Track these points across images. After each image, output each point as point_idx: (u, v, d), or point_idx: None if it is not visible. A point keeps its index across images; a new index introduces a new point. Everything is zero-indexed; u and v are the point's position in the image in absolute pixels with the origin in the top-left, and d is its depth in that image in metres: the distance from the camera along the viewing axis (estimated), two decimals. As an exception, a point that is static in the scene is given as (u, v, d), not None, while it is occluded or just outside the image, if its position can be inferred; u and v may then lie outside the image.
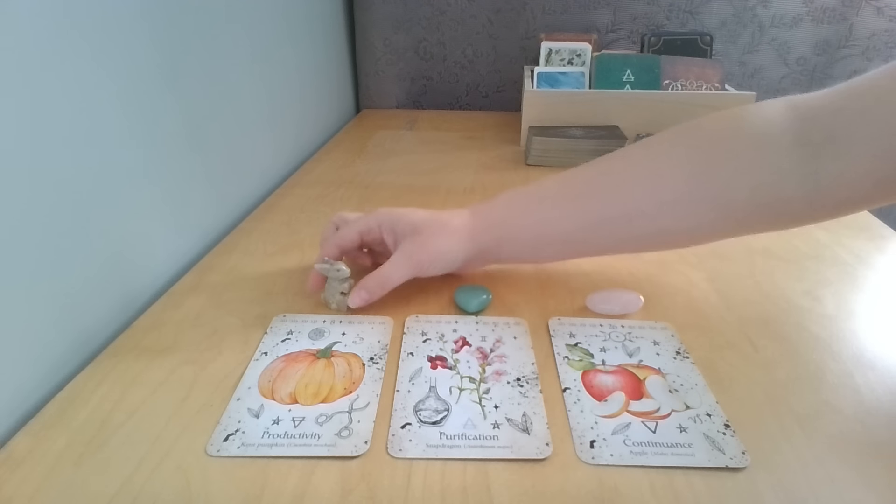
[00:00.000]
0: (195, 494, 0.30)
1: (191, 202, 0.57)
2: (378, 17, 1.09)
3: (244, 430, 0.35)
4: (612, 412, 0.36)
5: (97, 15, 0.43)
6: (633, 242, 0.47)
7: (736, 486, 0.31)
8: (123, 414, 0.36)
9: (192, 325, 0.45)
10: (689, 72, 0.90)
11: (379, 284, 0.45)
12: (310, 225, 0.63)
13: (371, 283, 0.45)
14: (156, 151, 0.51)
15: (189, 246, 0.57)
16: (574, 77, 0.92)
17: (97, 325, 0.44)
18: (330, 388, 0.38)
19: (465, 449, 0.33)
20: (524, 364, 0.40)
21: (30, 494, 0.31)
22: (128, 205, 0.48)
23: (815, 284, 0.50)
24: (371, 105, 1.18)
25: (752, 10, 1.06)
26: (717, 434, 0.34)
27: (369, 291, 0.45)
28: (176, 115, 0.54)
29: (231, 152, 0.65)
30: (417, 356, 0.41)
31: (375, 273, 0.45)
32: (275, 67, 0.77)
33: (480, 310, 0.46)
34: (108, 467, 0.32)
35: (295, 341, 0.43)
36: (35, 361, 0.39)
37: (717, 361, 0.41)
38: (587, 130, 0.84)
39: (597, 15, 1.08)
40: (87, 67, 0.42)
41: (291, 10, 0.83)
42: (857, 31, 1.04)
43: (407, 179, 0.77)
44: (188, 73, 0.56)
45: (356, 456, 0.33)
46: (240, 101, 0.67)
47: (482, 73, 1.15)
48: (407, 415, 0.36)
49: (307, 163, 0.84)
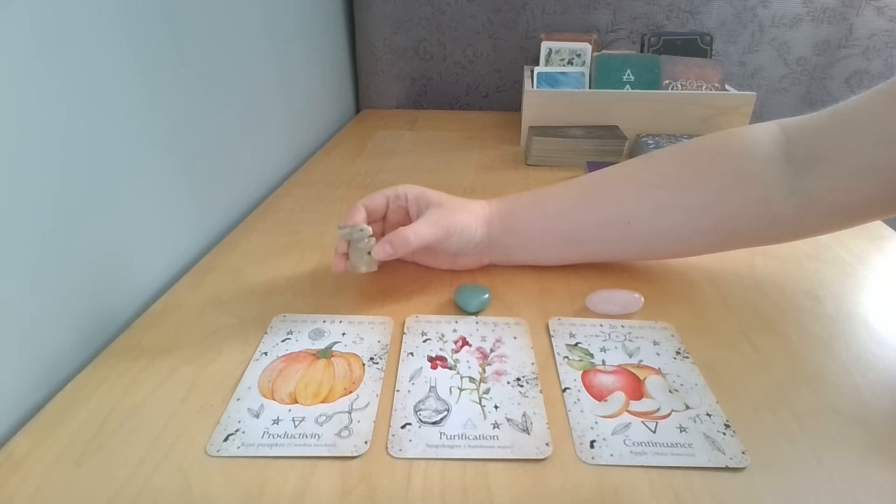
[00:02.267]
0: (195, 494, 0.30)
1: (191, 202, 0.57)
2: (378, 17, 1.09)
3: (244, 430, 0.35)
4: (612, 412, 0.36)
5: (96, 15, 0.43)
6: (632, 246, 0.49)
7: (736, 486, 0.31)
8: (123, 414, 0.36)
9: (192, 325, 0.45)
10: (689, 72, 0.90)
11: (404, 240, 0.45)
12: (310, 225, 0.63)
13: (397, 238, 0.45)
14: (155, 152, 0.51)
15: (188, 246, 0.57)
16: (574, 77, 0.92)
17: (95, 326, 0.45)
18: (330, 388, 0.38)
19: (465, 449, 0.33)
20: (524, 364, 0.40)
21: (30, 494, 0.31)
22: (126, 205, 0.48)
23: (815, 284, 0.50)
24: (371, 105, 1.18)
25: (752, 10, 1.06)
26: (717, 434, 0.34)
27: (394, 246, 0.45)
28: (176, 116, 0.54)
29: (231, 153, 0.65)
30: (417, 356, 0.41)
31: (401, 230, 0.45)
32: (275, 68, 0.77)
33: (480, 310, 0.46)
34: (108, 467, 0.32)
35: (295, 341, 0.43)
36: (35, 361, 0.39)
37: (717, 361, 0.41)
38: (587, 130, 0.84)
39: (597, 15, 1.08)
40: (86, 67, 0.42)
41: (291, 10, 0.83)
42: (857, 31, 1.04)
43: (407, 179, 0.77)
44: (188, 73, 0.56)
45: (356, 456, 0.33)
46: (239, 102, 0.67)
47: (482, 73, 1.15)
48: (407, 415, 0.36)
49: (307, 163, 0.84)
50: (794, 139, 0.43)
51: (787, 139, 0.43)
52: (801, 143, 0.42)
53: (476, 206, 0.50)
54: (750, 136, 0.45)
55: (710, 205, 0.44)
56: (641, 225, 0.46)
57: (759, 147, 0.44)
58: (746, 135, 0.45)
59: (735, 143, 0.45)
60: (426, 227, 0.46)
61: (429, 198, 0.48)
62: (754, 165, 0.43)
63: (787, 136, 0.43)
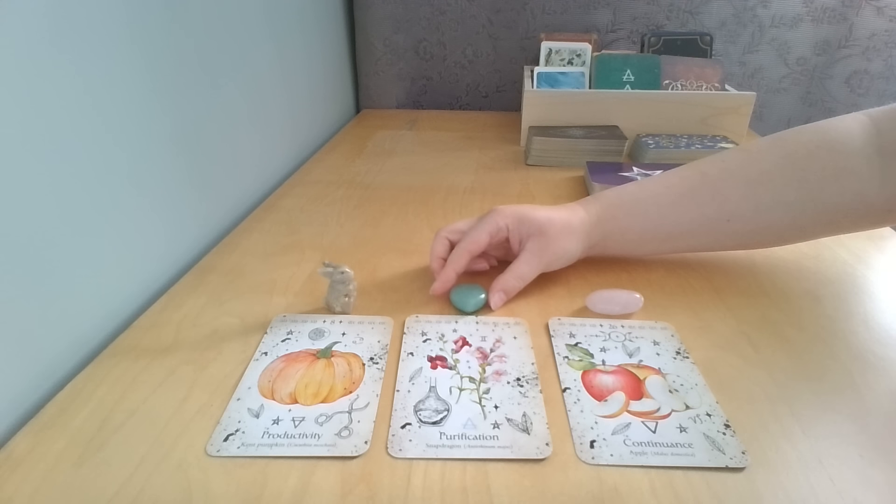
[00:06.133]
0: (195, 494, 0.30)
1: (192, 202, 0.57)
2: (378, 17, 1.09)
3: (244, 430, 0.35)
4: (612, 412, 0.36)
5: (93, 15, 0.43)
6: (729, 241, 0.50)
7: (736, 486, 0.31)
8: (123, 414, 0.36)
9: (192, 325, 0.45)
10: (689, 72, 0.90)
11: (513, 288, 0.47)
12: (310, 225, 0.63)
13: (509, 283, 0.47)
14: (156, 152, 0.51)
15: (188, 246, 0.57)
16: (574, 77, 0.92)
17: (95, 326, 0.44)
18: (330, 388, 0.38)
19: (465, 449, 0.33)
20: (524, 364, 0.40)
21: (30, 494, 0.31)
22: (126, 205, 0.48)
23: (815, 284, 0.50)
24: (371, 105, 1.18)
25: (752, 10, 1.06)
26: (717, 434, 0.34)
27: (507, 291, 0.47)
28: (176, 115, 0.54)
29: (231, 152, 0.65)
30: (417, 356, 0.41)
31: (510, 273, 0.47)
32: (275, 68, 0.77)
33: (477, 309, 0.46)
34: (108, 467, 0.32)
35: (295, 341, 0.43)
36: (35, 361, 0.39)
37: (717, 361, 0.41)
38: (587, 130, 0.84)
39: (597, 15, 1.08)
40: (87, 67, 0.42)
41: (291, 10, 0.83)
42: (857, 31, 1.04)
43: (407, 179, 0.77)
44: (190, 73, 0.56)
45: (356, 456, 0.33)
46: (240, 102, 0.67)
47: (482, 73, 1.15)
48: (407, 415, 0.36)
49: (307, 163, 0.84)
50: (885, 130, 0.44)
51: (877, 131, 0.44)
52: (892, 134, 0.44)
53: (576, 222, 0.49)
54: (845, 130, 0.45)
55: (807, 200, 0.45)
56: (740, 223, 0.48)
57: (854, 141, 0.45)
58: (841, 128, 0.46)
59: (831, 137, 0.46)
60: (528, 266, 0.47)
61: (529, 224, 0.47)
62: (850, 160, 0.44)
63: (877, 128, 0.45)
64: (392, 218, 0.65)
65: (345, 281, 0.45)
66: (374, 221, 0.64)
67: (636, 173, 0.70)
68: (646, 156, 0.80)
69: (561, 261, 0.49)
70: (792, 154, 0.46)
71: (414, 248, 0.57)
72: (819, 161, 0.45)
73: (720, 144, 0.81)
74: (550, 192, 0.73)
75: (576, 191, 0.73)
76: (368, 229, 0.62)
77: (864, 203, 0.44)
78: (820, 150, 0.46)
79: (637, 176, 0.69)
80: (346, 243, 0.59)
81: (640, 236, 0.50)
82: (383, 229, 0.62)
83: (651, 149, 0.79)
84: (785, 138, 0.48)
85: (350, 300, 0.46)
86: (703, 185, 0.48)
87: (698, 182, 0.49)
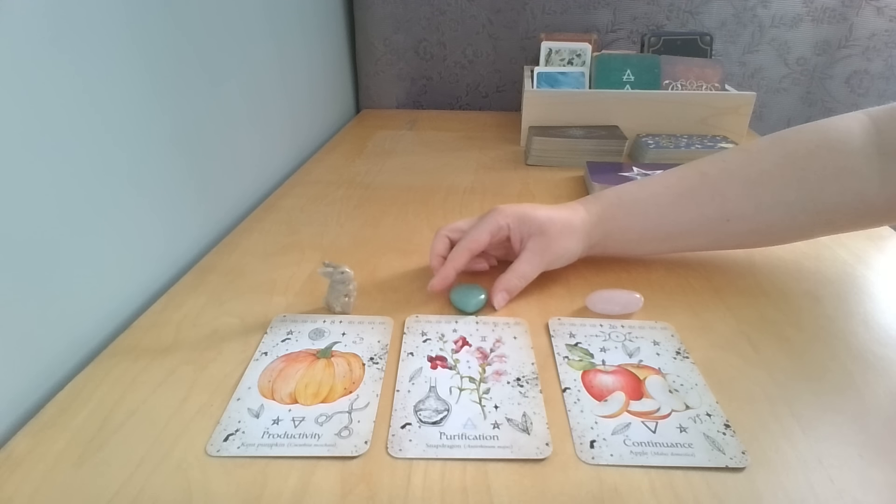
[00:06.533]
0: (195, 494, 0.30)
1: (191, 202, 0.57)
2: (378, 17, 1.09)
3: (244, 430, 0.35)
4: (612, 412, 0.36)
5: (93, 15, 0.43)
6: (729, 241, 0.51)
7: (736, 486, 0.31)
8: (123, 414, 0.36)
9: (192, 325, 0.45)
10: (689, 72, 0.90)
11: (520, 280, 0.47)
12: (310, 225, 0.63)
13: (512, 283, 0.47)
14: (156, 152, 0.51)
15: (188, 246, 0.57)
16: (574, 77, 0.92)
17: (95, 326, 0.44)
18: (330, 388, 0.38)
19: (465, 449, 0.33)
20: (524, 364, 0.40)
21: (30, 494, 0.31)
22: (126, 205, 0.48)
23: (815, 284, 0.50)
24: (371, 105, 1.18)
25: (752, 10, 1.06)
26: (717, 434, 0.34)
27: (510, 291, 0.47)
28: (176, 115, 0.54)
29: (231, 152, 0.65)
30: (417, 356, 0.41)
31: (512, 272, 0.47)
32: (275, 68, 0.77)
33: (477, 309, 0.46)
34: (108, 467, 0.32)
35: (295, 341, 0.43)
36: (35, 361, 0.39)
37: (717, 361, 0.41)
38: (587, 130, 0.84)
39: (597, 15, 1.08)
40: (87, 66, 0.42)
41: (291, 9, 0.83)
42: (857, 31, 1.04)
43: (407, 179, 0.77)
44: (190, 73, 0.56)
45: (356, 456, 0.33)
46: (239, 102, 0.67)
47: (482, 73, 1.15)
48: (407, 415, 0.36)
49: (307, 163, 0.84)
50: (885, 130, 0.44)
51: (877, 130, 0.44)
52: (891, 133, 0.44)
53: (577, 221, 0.49)
54: (845, 129, 0.45)
55: (807, 200, 0.45)
56: (740, 223, 0.48)
57: (854, 140, 0.45)
58: (841, 128, 0.46)
59: (831, 136, 0.46)
60: (530, 266, 0.47)
61: (530, 223, 0.47)
62: (850, 160, 0.44)
63: (877, 127, 0.45)
64: (392, 218, 0.65)
65: (345, 281, 0.45)
66: (374, 221, 0.64)
67: (636, 173, 0.70)
68: (646, 156, 0.80)
69: (562, 260, 0.49)
70: (792, 154, 0.46)
71: (414, 248, 0.57)
72: (819, 160, 0.45)
73: (720, 144, 0.81)
74: (550, 192, 0.73)
75: (576, 191, 0.73)
76: (368, 229, 0.62)
77: (864, 202, 0.44)
78: (820, 150, 0.45)
79: (637, 176, 0.69)
80: (346, 243, 0.59)
81: (640, 236, 0.50)
82: (383, 229, 0.62)
83: (651, 149, 0.79)
84: (785, 138, 0.48)
85: (350, 300, 0.46)
86: (703, 185, 0.48)
87: (698, 182, 0.49)
